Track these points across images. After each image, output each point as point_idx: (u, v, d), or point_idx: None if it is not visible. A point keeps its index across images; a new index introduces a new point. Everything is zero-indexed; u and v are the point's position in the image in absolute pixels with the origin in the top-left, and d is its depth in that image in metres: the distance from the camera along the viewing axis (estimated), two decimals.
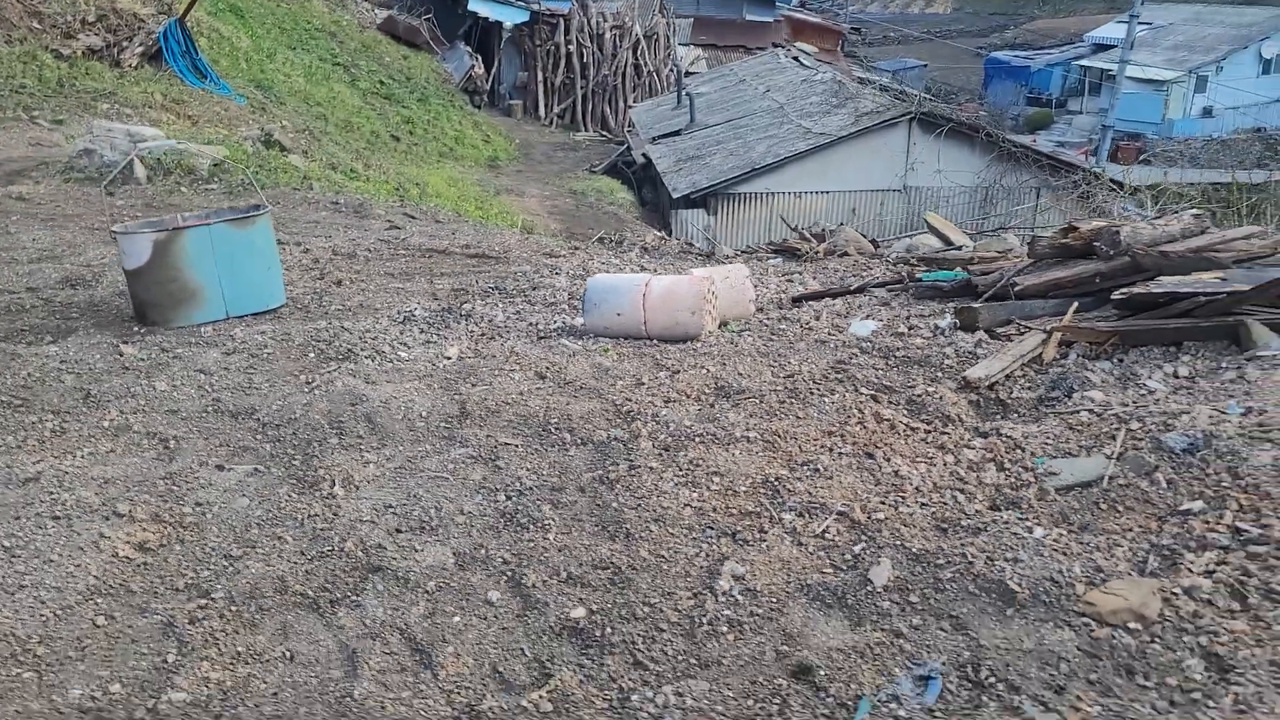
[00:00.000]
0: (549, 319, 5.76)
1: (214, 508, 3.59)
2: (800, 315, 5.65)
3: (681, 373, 4.63)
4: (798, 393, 4.35)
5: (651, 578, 3.14)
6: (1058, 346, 4.35)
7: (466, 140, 22.66)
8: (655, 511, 3.47)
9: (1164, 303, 4.16)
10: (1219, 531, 3.02)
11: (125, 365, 4.82)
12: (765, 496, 3.53)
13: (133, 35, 14.65)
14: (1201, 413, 3.60)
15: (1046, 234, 4.75)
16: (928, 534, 3.26)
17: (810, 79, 22.17)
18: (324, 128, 16.87)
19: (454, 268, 7.26)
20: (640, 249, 9.66)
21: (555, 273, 7.03)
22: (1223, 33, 43.72)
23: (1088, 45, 47.85)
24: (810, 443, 3.89)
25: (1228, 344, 4.11)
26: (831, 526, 3.34)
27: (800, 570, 3.13)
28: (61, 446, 4.00)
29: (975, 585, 2.95)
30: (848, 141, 18.48)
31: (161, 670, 2.78)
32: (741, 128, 20.60)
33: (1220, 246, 4.53)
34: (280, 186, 10.06)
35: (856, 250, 8.06)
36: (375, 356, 5.00)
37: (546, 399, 4.38)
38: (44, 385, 4.53)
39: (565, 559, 3.25)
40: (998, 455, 3.70)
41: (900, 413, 4.11)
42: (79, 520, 3.45)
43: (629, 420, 4.15)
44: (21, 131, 11.98)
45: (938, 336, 4.82)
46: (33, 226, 7.89)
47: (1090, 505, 3.32)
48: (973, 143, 18.65)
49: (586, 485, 3.69)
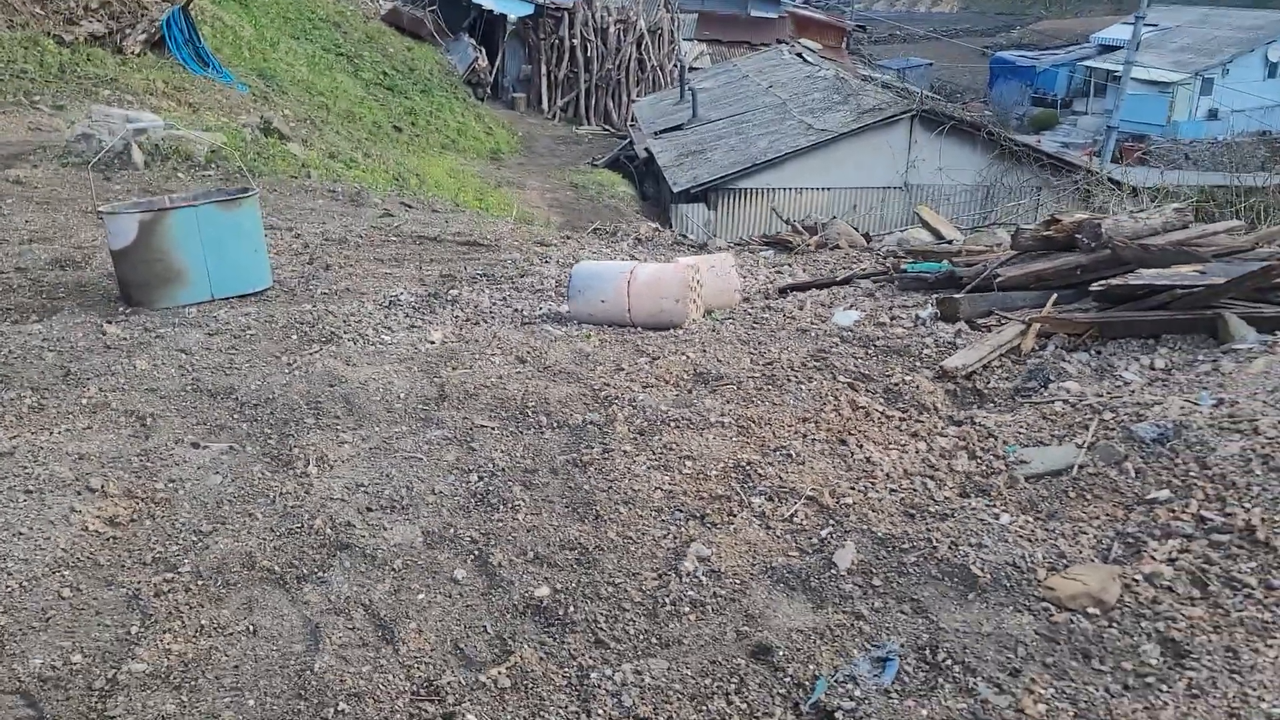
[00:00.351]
0: (535, 305, 5.77)
1: (187, 484, 3.60)
2: (785, 305, 5.65)
3: (661, 359, 4.64)
4: (775, 380, 4.35)
5: (617, 558, 3.14)
6: (1037, 338, 4.35)
7: (468, 132, 22.66)
8: (626, 494, 3.48)
9: (1142, 295, 4.16)
10: (1184, 520, 3.02)
11: (107, 344, 4.83)
12: (736, 481, 3.54)
13: (136, 22, 14.66)
14: (1174, 404, 3.60)
15: (1030, 227, 4.74)
16: (895, 519, 3.26)
17: (813, 75, 22.15)
18: (325, 117, 16.89)
19: (444, 255, 7.27)
20: (634, 240, 9.66)
21: (545, 261, 7.03)
22: (1229, 35, 43.62)
23: (1093, 46, 47.76)
24: (784, 429, 3.90)
25: (1206, 337, 4.11)
26: (800, 511, 3.34)
27: (766, 553, 3.14)
28: (39, 422, 4.01)
29: (938, 570, 2.95)
30: (849, 138, 18.47)
31: (124, 642, 2.79)
32: (744, 123, 20.59)
33: (1201, 241, 4.52)
34: (278, 174, 10.07)
35: (848, 243, 8.06)
36: (358, 340, 5.01)
37: (525, 383, 4.39)
38: (25, 362, 4.54)
39: (533, 539, 3.26)
40: (970, 443, 3.70)
41: (876, 401, 4.11)
42: (51, 495, 3.47)
43: (606, 405, 4.16)
44: (21, 116, 12.00)
45: (919, 327, 4.82)
46: (26, 209, 7.90)
47: (1059, 493, 3.32)
48: (974, 141, 18.64)
49: (559, 468, 3.70)
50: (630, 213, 18.28)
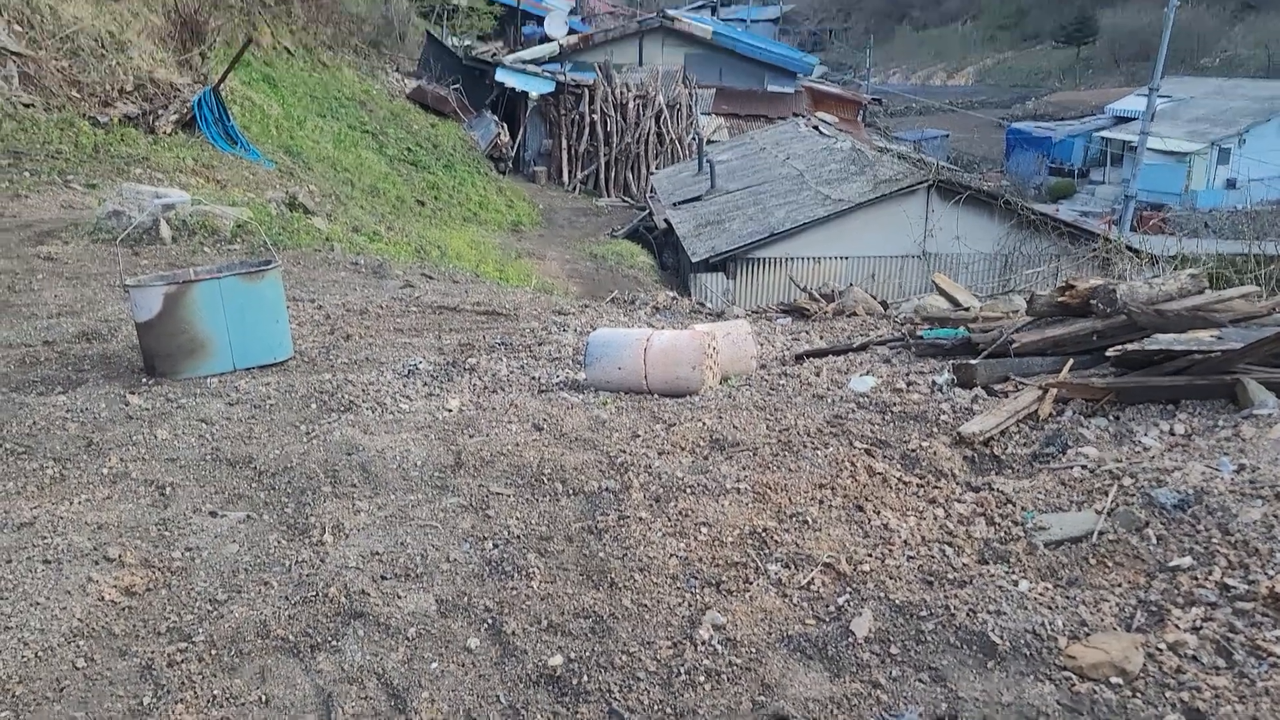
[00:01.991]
0: (552, 373, 5.80)
1: (203, 553, 3.61)
2: (801, 372, 5.66)
3: (677, 425, 4.64)
4: (791, 446, 4.34)
5: (632, 626, 3.12)
6: (1054, 403, 4.33)
7: (490, 205, 23.02)
8: (641, 561, 3.46)
9: (1159, 360, 4.14)
10: (1207, 587, 2.97)
11: (130, 415, 4.89)
12: (752, 547, 3.51)
13: (168, 103, 15.08)
14: (1194, 469, 3.57)
15: (1045, 293, 4.76)
16: (913, 586, 3.22)
17: (830, 147, 22.43)
18: (350, 192, 17.23)
19: (463, 324, 7.34)
20: (651, 308, 9.72)
21: (563, 329, 7.09)
22: (1244, 106, 43.96)
23: (1109, 117, 48.23)
24: (801, 495, 3.88)
25: (1225, 402, 4.09)
26: (817, 578, 3.31)
27: (782, 621, 3.10)
28: (59, 492, 4.05)
29: (957, 638, 2.91)
30: (866, 208, 18.62)
31: (136, 712, 2.78)
32: (761, 194, 20.81)
33: (1217, 306, 4.51)
34: (302, 247, 10.25)
35: (865, 310, 8.08)
36: (377, 408, 5.05)
37: (542, 450, 4.40)
38: (48, 433, 4.60)
39: (547, 607, 3.24)
40: (988, 510, 3.67)
41: (893, 467, 4.09)
42: (69, 564, 3.49)
43: (622, 471, 4.16)
44: (55, 195, 12.32)
45: (935, 393, 4.82)
46: (56, 284, 8.08)
47: (1079, 560, 3.28)
48: (991, 210, 18.74)
49: (574, 535, 3.69)
50: (649, 282, 18.42)
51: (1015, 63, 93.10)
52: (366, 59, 28.15)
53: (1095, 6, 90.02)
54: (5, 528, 3.70)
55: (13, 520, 3.76)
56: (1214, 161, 41.05)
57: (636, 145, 28.54)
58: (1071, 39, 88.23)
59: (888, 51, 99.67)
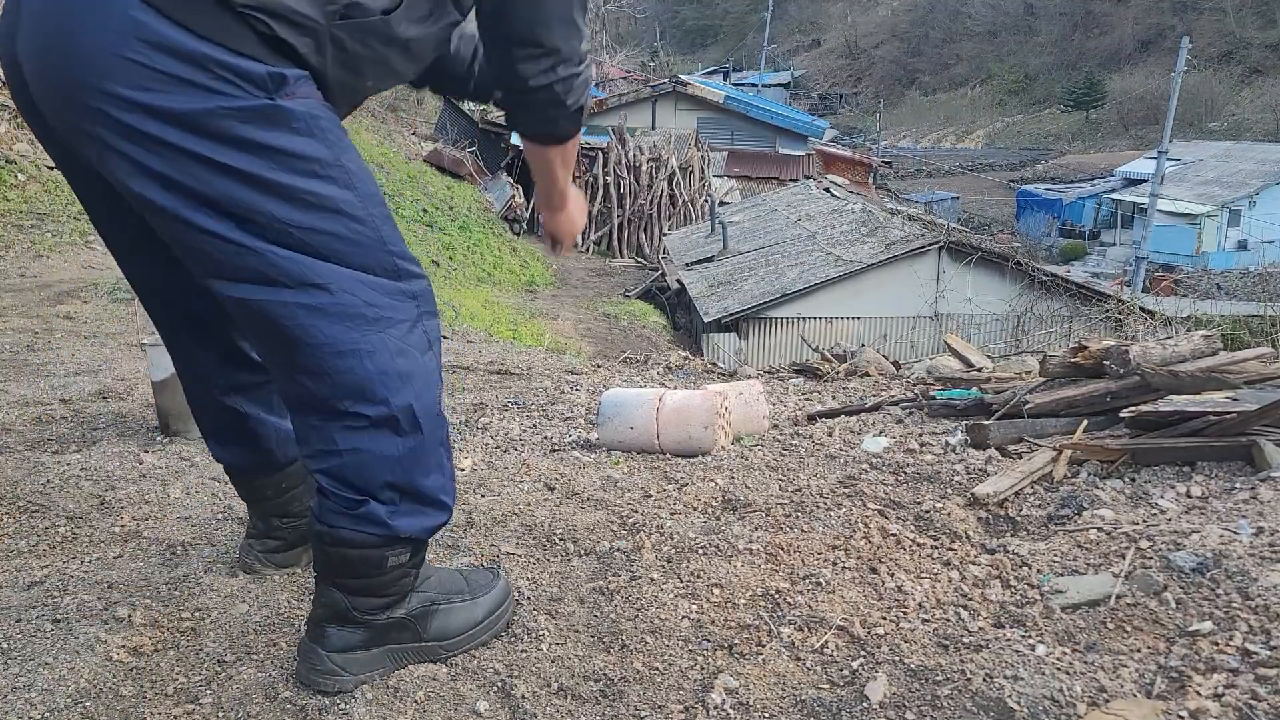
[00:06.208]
0: (565, 432, 5.81)
1: (213, 613, 3.59)
2: (814, 432, 5.65)
3: (689, 485, 4.63)
4: (804, 506, 4.32)
5: (643, 690, 3.08)
6: (1069, 465, 4.31)
7: (504, 265, 23.26)
8: (652, 623, 3.43)
9: (1174, 421, 4.12)
10: (1228, 653, 2.92)
11: (143, 473, 4.91)
12: (764, 609, 3.48)
13: None
14: (1212, 532, 3.53)
15: (1058, 354, 4.76)
16: (928, 650, 3.18)
17: (841, 209, 22.64)
18: None
19: (476, 383, 7.37)
20: (664, 368, 9.75)
21: (576, 389, 7.11)
22: (1254, 169, 44.29)
23: (1118, 179, 48.63)
24: (814, 556, 3.85)
25: (1242, 464, 4.05)
26: (830, 641, 3.27)
27: (795, 685, 3.06)
28: (71, 551, 4.05)
29: (973, 703, 2.86)
30: (878, 269, 18.75)
31: None
32: (773, 255, 20.98)
33: (1231, 367, 4.50)
34: None
35: (877, 371, 8.08)
36: None
37: (553, 510, 4.39)
38: (61, 491, 4.62)
39: (557, 670, 3.20)
40: (1004, 572, 3.63)
41: (907, 528, 4.06)
42: (78, 624, 3.47)
43: (634, 532, 4.14)
44: (75, 255, 12.52)
45: (949, 453, 4.79)
46: (74, 343, 8.17)
47: (1097, 624, 3.23)
48: (1003, 271, 18.84)
49: (585, 596, 3.66)
50: (662, 342, 18.50)
51: (1024, 126, 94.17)
52: (384, 122, 28.70)
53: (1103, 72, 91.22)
54: (16, 586, 3.70)
55: (23, 579, 3.76)
56: (1225, 223, 41.25)
57: (649, 207, 28.88)
58: (1080, 103, 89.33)
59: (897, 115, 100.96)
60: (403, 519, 2.89)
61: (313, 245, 2.45)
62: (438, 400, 2.82)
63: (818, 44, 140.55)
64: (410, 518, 2.91)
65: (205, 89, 2.24)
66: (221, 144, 2.30)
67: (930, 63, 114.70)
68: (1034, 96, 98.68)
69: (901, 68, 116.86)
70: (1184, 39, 39.52)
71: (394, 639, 3.18)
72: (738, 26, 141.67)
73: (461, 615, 3.27)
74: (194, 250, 2.48)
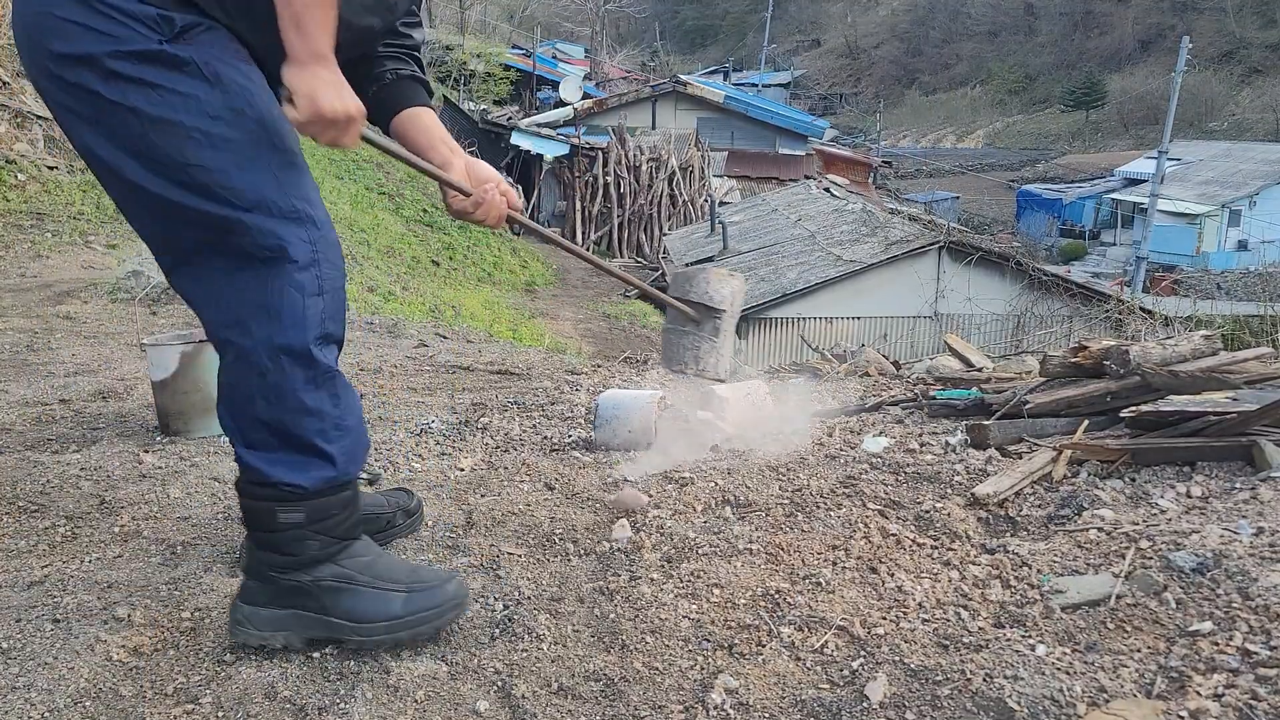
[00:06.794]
0: (565, 432, 5.81)
1: (213, 613, 3.59)
2: (814, 431, 5.64)
3: (689, 485, 4.63)
4: (804, 506, 4.32)
5: (643, 690, 3.08)
6: (1070, 464, 4.31)
7: (504, 265, 23.27)
8: (653, 623, 3.43)
9: (1174, 421, 4.12)
10: (1228, 653, 2.92)
11: (143, 473, 4.91)
12: (764, 609, 3.48)
13: None
14: (1212, 532, 3.53)
15: (1058, 354, 4.76)
16: (928, 650, 3.18)
17: (841, 209, 22.64)
18: (366, 253, 17.44)
19: (476, 383, 7.37)
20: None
21: (575, 389, 7.10)
22: (1254, 169, 44.29)
23: (1119, 179, 48.62)
24: (814, 556, 3.85)
25: (1242, 464, 4.05)
26: (830, 641, 3.27)
27: (795, 685, 3.06)
28: (70, 551, 4.05)
29: (973, 703, 2.86)
30: (878, 269, 18.75)
31: None
32: (773, 255, 20.98)
33: (1231, 367, 4.50)
34: None
35: (877, 371, 8.08)
36: (388, 467, 5.06)
37: (553, 510, 4.39)
38: (61, 492, 4.62)
39: (558, 670, 3.20)
40: (1004, 572, 3.63)
41: (907, 528, 4.06)
42: (78, 624, 3.47)
43: (634, 531, 4.13)
44: (75, 255, 12.52)
45: (949, 453, 4.79)
46: (74, 343, 8.16)
47: (1097, 624, 3.23)
48: (1003, 271, 18.84)
49: (586, 595, 3.66)
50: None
51: (1024, 126, 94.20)
52: None
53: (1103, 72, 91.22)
54: (16, 586, 3.71)
55: (23, 579, 3.76)
56: (1225, 223, 41.24)
57: (649, 207, 28.88)
58: (1080, 103, 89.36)
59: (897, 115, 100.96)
60: (280, 469, 2.99)
61: (207, 184, 2.56)
62: (313, 344, 2.85)
63: (818, 44, 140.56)
64: (288, 469, 2.99)
65: (101, 33, 2.40)
66: (123, 84, 2.45)
67: (930, 63, 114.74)
68: (1034, 96, 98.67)
69: (901, 68, 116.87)
70: (1184, 39, 39.54)
71: (299, 604, 3.21)
72: (738, 26, 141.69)
73: (374, 603, 3.26)
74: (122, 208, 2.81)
